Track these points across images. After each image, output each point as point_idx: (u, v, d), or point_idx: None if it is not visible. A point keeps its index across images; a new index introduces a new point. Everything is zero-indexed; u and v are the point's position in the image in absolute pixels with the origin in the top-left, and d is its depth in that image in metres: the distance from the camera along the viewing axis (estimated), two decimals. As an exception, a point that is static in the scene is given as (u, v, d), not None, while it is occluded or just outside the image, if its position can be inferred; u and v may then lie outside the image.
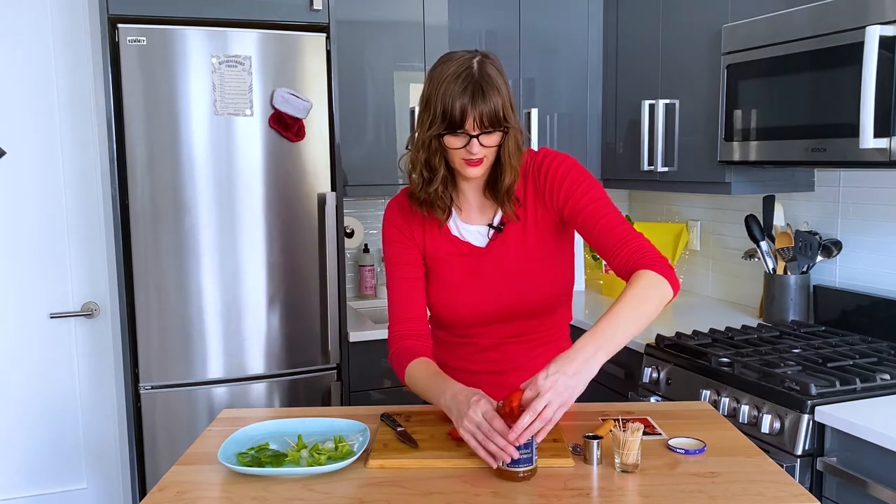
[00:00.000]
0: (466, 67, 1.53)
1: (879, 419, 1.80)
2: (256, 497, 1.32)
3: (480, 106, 1.51)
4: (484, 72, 1.53)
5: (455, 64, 1.55)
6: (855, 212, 2.58)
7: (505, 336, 1.74)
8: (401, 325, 1.69)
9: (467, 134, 1.54)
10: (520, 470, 1.35)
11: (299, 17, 2.62)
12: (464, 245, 1.71)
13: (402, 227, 1.72)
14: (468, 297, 1.70)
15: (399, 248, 1.72)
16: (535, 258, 1.69)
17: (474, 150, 1.55)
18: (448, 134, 1.55)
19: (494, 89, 1.53)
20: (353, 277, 3.43)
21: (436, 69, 1.58)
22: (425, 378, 1.57)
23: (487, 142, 1.56)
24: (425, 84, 1.59)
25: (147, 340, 2.56)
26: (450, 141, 1.56)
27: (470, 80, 1.52)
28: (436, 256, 1.71)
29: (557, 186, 1.64)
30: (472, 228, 1.71)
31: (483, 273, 1.69)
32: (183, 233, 2.55)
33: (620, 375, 2.64)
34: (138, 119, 2.48)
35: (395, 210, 1.75)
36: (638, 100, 2.99)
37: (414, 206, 1.70)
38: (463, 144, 1.55)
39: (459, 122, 1.52)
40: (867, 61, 1.93)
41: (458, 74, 1.52)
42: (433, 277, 1.73)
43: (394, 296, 1.72)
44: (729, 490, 1.32)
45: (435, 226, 1.71)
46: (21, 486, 2.86)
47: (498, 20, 3.16)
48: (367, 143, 3.03)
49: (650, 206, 3.66)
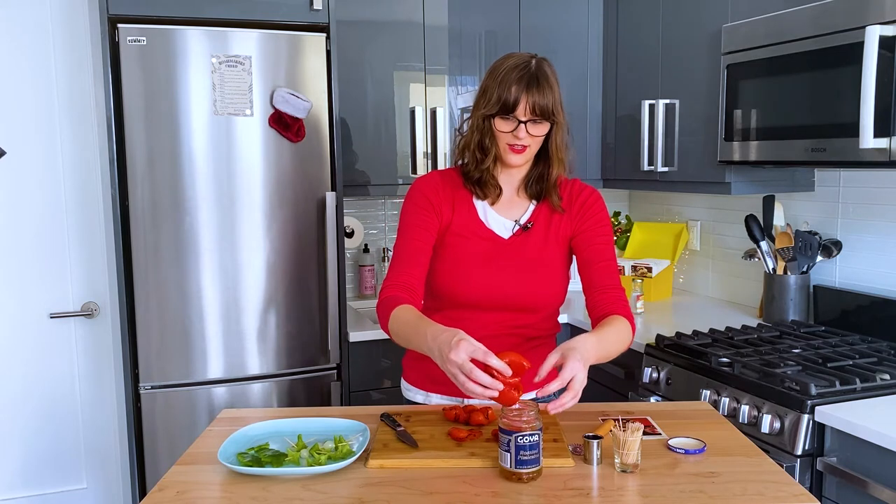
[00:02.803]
0: (526, 62, 1.67)
1: (879, 419, 1.80)
2: (256, 497, 1.32)
3: (535, 94, 1.64)
4: (541, 68, 1.67)
5: (515, 59, 1.69)
6: (855, 212, 2.58)
7: (497, 327, 1.76)
8: (395, 279, 1.70)
9: (517, 119, 1.65)
10: (525, 472, 1.35)
11: (299, 17, 2.62)
12: (487, 231, 1.78)
13: (431, 197, 1.78)
14: (476, 277, 1.75)
15: (421, 214, 1.76)
16: (547, 261, 1.77)
17: (521, 136, 1.67)
18: (499, 117, 1.67)
19: (548, 84, 1.66)
20: (353, 277, 3.43)
21: (496, 63, 1.71)
22: (408, 323, 1.57)
23: (534, 131, 1.68)
24: (485, 77, 1.72)
25: (147, 340, 2.56)
26: (499, 124, 1.68)
27: (527, 71, 1.65)
28: (459, 233, 1.77)
29: (586, 211, 1.79)
30: (500, 219, 1.79)
31: (497, 261, 1.76)
32: (183, 233, 2.55)
33: (620, 375, 2.64)
34: (138, 119, 2.48)
35: (431, 180, 1.81)
36: (638, 100, 2.99)
37: (466, 184, 1.78)
38: (511, 129, 1.67)
39: (512, 106, 1.65)
40: (867, 61, 1.93)
41: (518, 66, 1.66)
42: (448, 252, 1.77)
43: (398, 255, 1.74)
44: (729, 490, 1.32)
45: (465, 206, 1.78)
46: (21, 486, 2.86)
47: (498, 20, 3.16)
48: (367, 143, 3.03)
49: (650, 206, 3.66)
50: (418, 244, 1.73)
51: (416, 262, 1.71)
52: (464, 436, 1.52)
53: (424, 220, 1.75)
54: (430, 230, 1.75)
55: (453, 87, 3.10)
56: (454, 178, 1.80)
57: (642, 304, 2.97)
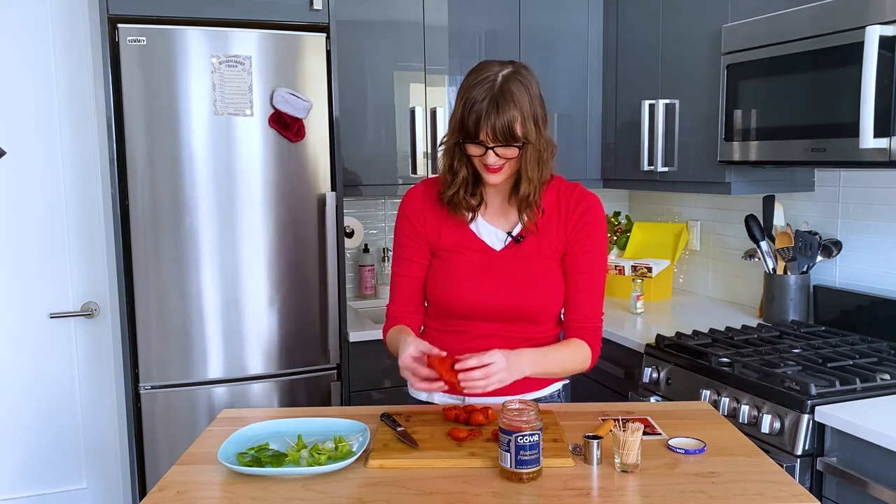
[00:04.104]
0: (491, 81, 1.58)
1: (879, 419, 1.80)
2: (256, 497, 1.32)
3: (493, 119, 1.57)
4: (506, 86, 1.58)
5: (482, 75, 1.60)
6: (855, 212, 2.58)
7: (495, 335, 1.76)
8: (390, 312, 1.86)
9: (483, 145, 1.60)
10: (525, 472, 1.35)
11: (299, 17, 2.62)
12: (478, 242, 1.76)
13: (416, 224, 1.79)
14: (468, 290, 1.74)
15: (407, 243, 1.81)
16: (541, 273, 1.75)
17: (489, 161, 1.62)
18: (467, 142, 1.62)
19: (512, 104, 1.57)
20: (353, 277, 3.43)
21: (466, 78, 1.64)
22: (390, 343, 1.79)
23: (504, 153, 1.62)
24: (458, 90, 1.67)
25: (147, 340, 2.56)
26: (469, 148, 1.64)
27: (489, 94, 1.57)
28: (448, 248, 1.77)
29: (582, 228, 1.74)
30: (492, 230, 1.77)
31: (489, 273, 1.74)
32: (183, 233, 2.55)
33: (620, 375, 2.63)
34: (138, 119, 2.48)
35: (413, 197, 1.82)
36: (638, 100, 2.99)
37: (442, 202, 1.76)
38: (480, 154, 1.63)
39: (474, 133, 1.59)
40: (867, 61, 1.93)
41: (480, 84, 1.58)
42: (440, 266, 1.78)
43: (396, 288, 1.84)
44: (729, 490, 1.32)
45: (453, 219, 1.77)
46: (21, 486, 2.86)
47: (498, 20, 3.16)
48: (367, 143, 3.03)
49: (650, 206, 3.66)
50: (408, 281, 1.82)
51: (406, 300, 1.83)
52: (464, 436, 1.52)
53: (412, 252, 1.81)
54: (420, 262, 1.81)
55: (453, 87, 3.10)
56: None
57: (642, 304, 2.97)
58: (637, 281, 3.02)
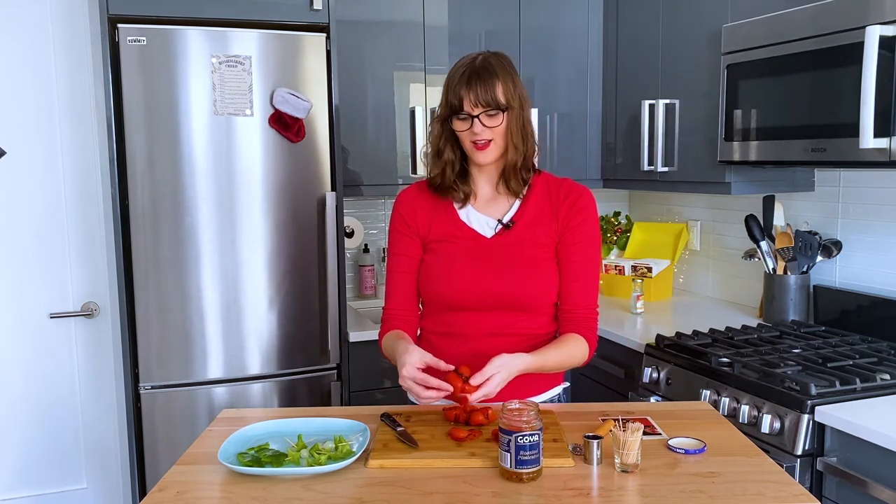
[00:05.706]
0: (471, 60, 1.71)
1: (879, 419, 1.80)
2: (256, 497, 1.32)
3: (476, 87, 1.66)
4: (486, 62, 1.69)
5: (463, 60, 1.73)
6: (855, 212, 2.58)
7: (492, 327, 1.76)
8: (387, 311, 1.86)
9: (469, 115, 1.67)
10: (525, 472, 1.35)
11: (299, 17, 2.62)
12: (469, 231, 1.79)
13: (407, 218, 1.84)
14: (460, 278, 1.76)
15: (400, 239, 1.85)
16: (533, 259, 1.76)
17: (476, 130, 1.68)
18: (455, 118, 1.70)
19: (493, 74, 1.67)
20: (353, 277, 3.43)
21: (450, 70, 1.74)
22: (387, 348, 1.78)
23: (489, 122, 1.68)
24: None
25: (147, 340, 2.56)
26: (456, 124, 1.71)
27: (470, 68, 1.68)
28: (438, 239, 1.80)
29: (573, 217, 1.77)
30: (482, 218, 1.80)
31: (481, 260, 1.76)
32: (183, 233, 2.55)
33: (620, 375, 2.64)
34: (138, 119, 2.48)
35: (406, 196, 1.87)
36: (638, 100, 2.99)
37: (431, 191, 1.81)
38: (467, 127, 1.69)
39: (459, 104, 1.67)
40: (867, 61, 1.93)
41: (462, 65, 1.71)
42: (432, 257, 1.81)
43: (391, 285, 1.87)
44: (729, 490, 1.32)
45: (443, 211, 1.81)
46: (21, 486, 2.86)
47: (498, 20, 3.16)
48: (367, 143, 3.03)
49: (650, 206, 3.66)
50: (402, 276, 1.84)
51: (402, 297, 1.84)
52: (464, 436, 1.52)
53: (404, 247, 1.83)
54: (413, 255, 1.83)
55: (453, 87, 3.10)
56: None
57: (642, 304, 2.97)
58: (637, 281, 3.02)
